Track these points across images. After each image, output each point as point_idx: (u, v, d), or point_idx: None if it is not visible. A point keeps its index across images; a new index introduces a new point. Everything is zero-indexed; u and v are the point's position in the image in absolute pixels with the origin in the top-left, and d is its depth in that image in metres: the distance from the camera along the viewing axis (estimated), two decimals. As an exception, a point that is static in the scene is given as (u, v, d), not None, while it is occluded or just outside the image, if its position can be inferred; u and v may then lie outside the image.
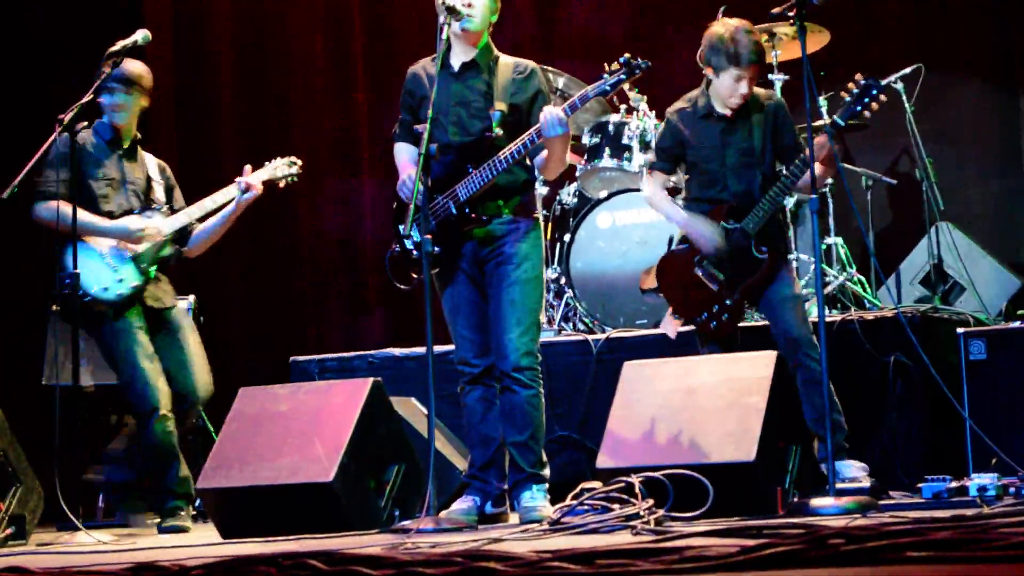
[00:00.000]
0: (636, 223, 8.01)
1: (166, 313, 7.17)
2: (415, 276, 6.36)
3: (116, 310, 7.02)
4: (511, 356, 6.17)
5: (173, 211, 7.27)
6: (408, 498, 6.27)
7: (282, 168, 7.44)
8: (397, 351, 7.83)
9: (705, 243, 6.52)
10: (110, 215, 7.11)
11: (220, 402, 7.86)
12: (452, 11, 6.17)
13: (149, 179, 7.27)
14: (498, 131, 6.19)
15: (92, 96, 6.69)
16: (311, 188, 9.98)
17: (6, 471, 6.60)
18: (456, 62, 6.32)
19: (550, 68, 8.13)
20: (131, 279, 7.06)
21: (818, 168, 6.39)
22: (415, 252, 6.33)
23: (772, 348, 6.20)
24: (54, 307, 7.70)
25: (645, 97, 8.31)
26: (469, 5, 6.22)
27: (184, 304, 7.70)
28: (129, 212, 7.15)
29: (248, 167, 7.25)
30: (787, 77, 8.02)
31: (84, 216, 6.93)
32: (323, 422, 6.16)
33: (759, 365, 5.94)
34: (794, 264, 7.48)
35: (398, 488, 6.23)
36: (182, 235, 7.27)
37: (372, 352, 7.96)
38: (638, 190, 8.06)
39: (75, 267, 6.63)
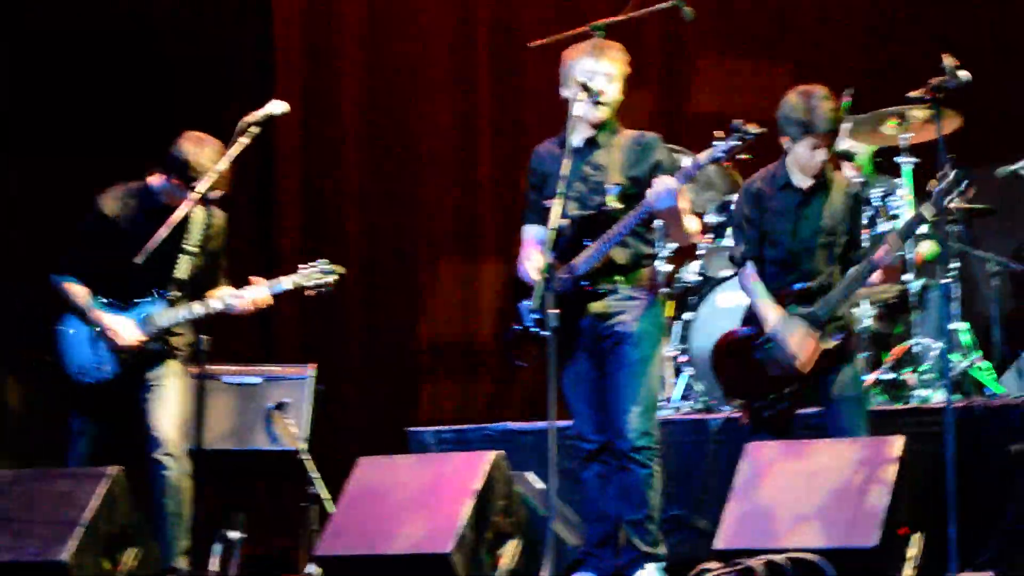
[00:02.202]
0: (757, 303, 7.95)
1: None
2: (534, 354, 6.36)
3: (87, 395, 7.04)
4: (629, 436, 6.15)
5: (189, 297, 7.05)
6: (524, 572, 6.26)
7: (315, 276, 7.16)
8: (514, 424, 7.84)
9: (785, 358, 6.41)
10: (121, 296, 7.03)
11: (336, 470, 7.92)
12: (585, 89, 6.21)
13: (179, 253, 7.05)
14: (616, 204, 6.20)
15: (227, 165, 6.74)
16: (431, 263, 10.06)
17: (125, 532, 6.67)
18: (579, 138, 6.34)
19: (676, 147, 8.14)
20: (109, 370, 7.02)
21: (878, 276, 6.38)
22: (533, 328, 6.33)
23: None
24: None
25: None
26: (602, 92, 6.26)
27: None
28: (141, 290, 7.00)
29: (254, 279, 7.08)
30: (917, 160, 7.97)
31: (79, 298, 7.00)
32: (443, 493, 6.18)
33: (885, 449, 5.87)
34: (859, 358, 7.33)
35: (515, 562, 6.23)
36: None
37: (489, 424, 7.96)
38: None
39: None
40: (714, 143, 6.08)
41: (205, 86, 9.70)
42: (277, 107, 6.88)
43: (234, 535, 7.76)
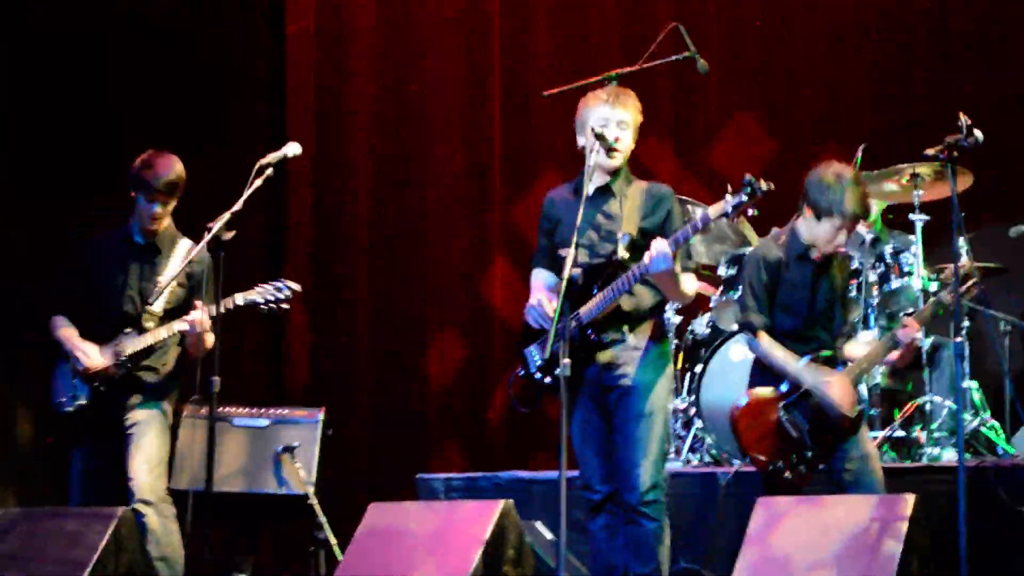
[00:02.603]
0: (768, 357, 7.95)
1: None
2: (538, 399, 6.37)
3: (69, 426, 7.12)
4: (638, 489, 6.12)
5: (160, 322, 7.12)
6: (533, 622, 6.25)
7: (269, 293, 7.09)
8: (524, 473, 7.83)
9: (841, 409, 6.45)
10: (99, 323, 7.15)
11: (345, 515, 7.91)
12: (600, 138, 6.22)
13: (157, 282, 7.17)
14: (624, 254, 6.17)
15: (241, 207, 6.77)
16: (440, 308, 10.06)
17: (132, 573, 6.66)
18: (591, 187, 6.34)
19: (688, 199, 8.16)
20: (83, 398, 7.11)
21: (895, 355, 6.48)
22: (538, 376, 6.33)
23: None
24: (184, 409, 7.82)
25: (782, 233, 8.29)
26: (617, 140, 6.28)
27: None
28: (122, 320, 7.12)
29: (198, 303, 7.02)
30: (928, 218, 7.99)
31: (61, 331, 7.15)
32: (453, 541, 6.16)
33: (896, 507, 5.86)
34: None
35: (523, 612, 6.22)
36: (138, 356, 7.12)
37: (498, 473, 7.96)
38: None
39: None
40: (725, 197, 6.08)
41: (215, 119, 9.75)
42: (292, 149, 6.90)
43: (241, 577, 7.78)
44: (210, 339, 6.97)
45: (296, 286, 7.08)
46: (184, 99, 9.66)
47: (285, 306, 7.06)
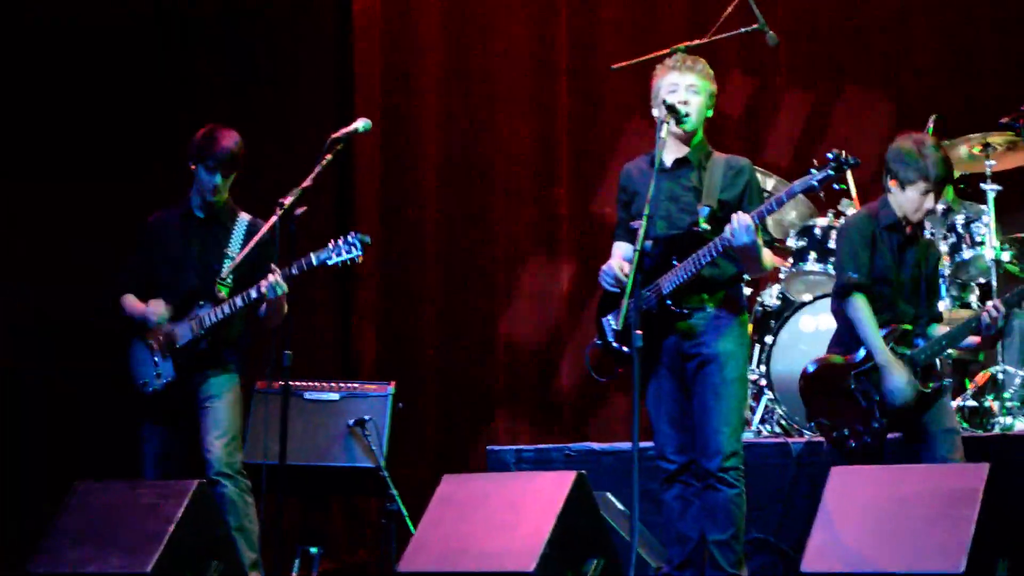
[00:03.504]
0: (839, 328, 7.92)
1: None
2: (616, 369, 6.39)
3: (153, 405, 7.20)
4: (718, 456, 6.13)
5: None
6: (606, 593, 6.26)
7: (343, 247, 6.94)
8: (595, 445, 7.83)
9: (893, 397, 6.44)
10: (171, 298, 7.21)
11: (416, 488, 7.95)
12: (671, 110, 6.22)
13: (222, 255, 7.26)
14: (705, 226, 6.18)
15: (311, 182, 6.80)
16: (508, 283, 10.07)
17: (208, 545, 6.71)
18: (669, 158, 6.35)
19: (760, 168, 8.12)
20: (167, 375, 7.19)
21: (976, 338, 6.47)
22: (615, 344, 6.34)
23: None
24: (257, 384, 7.88)
25: (853, 203, 8.27)
26: (685, 103, 6.27)
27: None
28: (191, 294, 7.19)
29: (274, 267, 6.98)
30: (1000, 188, 7.93)
31: (130, 306, 7.25)
32: (526, 512, 6.16)
33: (971, 476, 5.83)
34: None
35: (597, 582, 6.23)
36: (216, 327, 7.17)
37: (569, 444, 7.96)
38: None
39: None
40: (811, 171, 6.06)
41: (283, 104, 9.78)
42: (362, 124, 6.92)
43: (313, 550, 7.81)
44: (284, 307, 7.04)
45: (366, 237, 7.01)
46: (251, 78, 9.71)
47: (359, 259, 6.99)
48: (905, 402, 6.43)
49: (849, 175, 8.37)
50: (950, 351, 7.81)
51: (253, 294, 7.04)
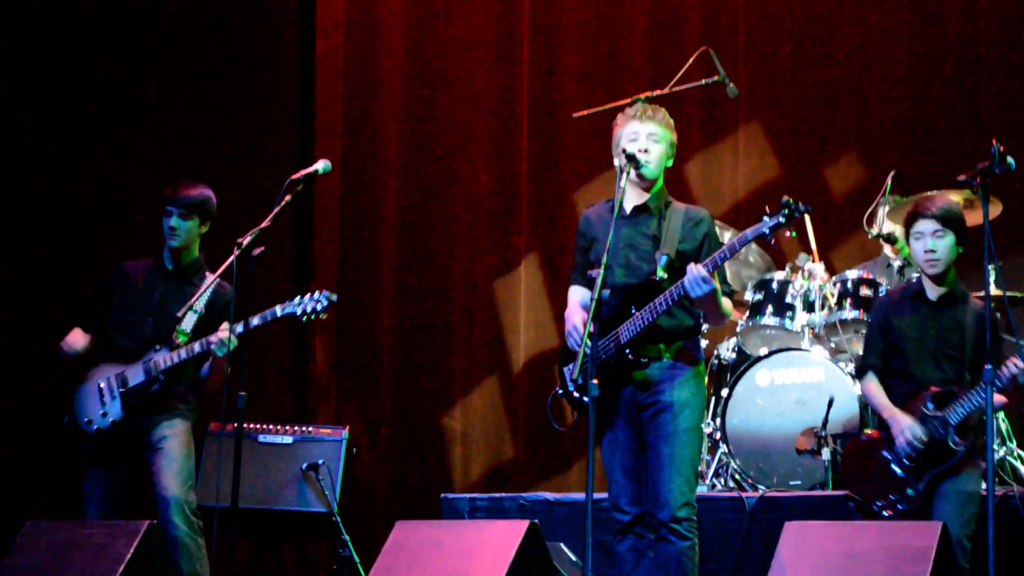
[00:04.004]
0: (795, 383, 7.96)
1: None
2: (575, 418, 6.37)
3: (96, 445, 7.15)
4: (670, 506, 6.10)
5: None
6: (557, 644, 6.23)
7: (308, 303, 6.99)
8: (549, 495, 7.81)
9: (900, 445, 6.46)
10: (128, 341, 7.21)
11: (368, 534, 7.92)
12: (631, 159, 6.23)
13: (186, 309, 7.21)
14: (663, 275, 6.17)
15: (270, 223, 6.79)
16: (465, 327, 10.05)
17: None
18: (629, 205, 6.35)
19: (717, 221, 8.16)
20: (114, 412, 7.15)
21: (998, 399, 6.39)
22: (576, 395, 6.33)
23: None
24: (210, 426, 7.84)
25: (811, 257, 8.30)
26: (646, 151, 6.28)
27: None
28: (147, 339, 7.19)
29: (224, 324, 7.02)
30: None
31: (75, 341, 7.26)
32: (478, 560, 6.13)
33: (923, 534, 5.84)
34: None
35: (548, 633, 6.20)
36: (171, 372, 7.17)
37: (524, 494, 7.95)
38: (799, 349, 8.05)
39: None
40: (763, 218, 6.07)
41: (243, 147, 9.76)
42: (322, 166, 6.93)
43: (265, 594, 7.79)
44: (224, 369, 7.03)
45: (334, 296, 7.02)
46: (208, 116, 9.68)
47: (323, 316, 7.02)
48: (912, 447, 6.42)
49: (810, 228, 8.41)
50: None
51: (197, 348, 7.04)
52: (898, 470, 6.47)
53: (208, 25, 9.66)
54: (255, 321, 6.91)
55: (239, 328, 6.88)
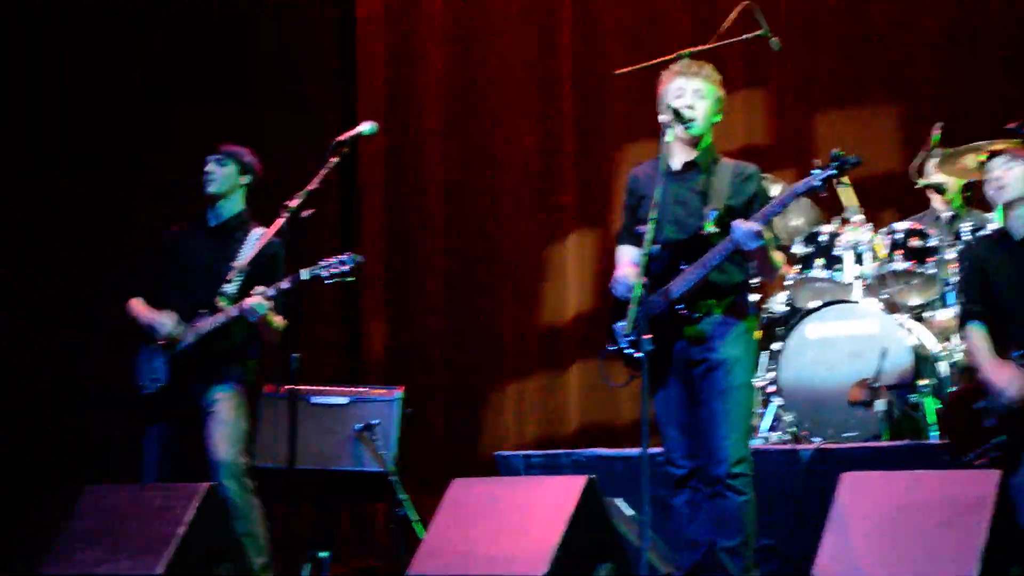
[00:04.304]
0: (847, 335, 7.92)
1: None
2: (628, 375, 6.38)
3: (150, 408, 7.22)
4: (726, 462, 6.12)
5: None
6: (616, 598, 6.27)
7: (334, 265, 7.00)
8: (604, 451, 7.83)
9: (996, 395, 6.42)
10: (178, 307, 7.24)
11: (424, 493, 7.96)
12: (677, 115, 6.22)
13: (230, 266, 7.26)
14: (712, 229, 6.19)
15: (318, 185, 6.83)
16: (514, 286, 10.07)
17: (218, 547, 6.71)
18: (677, 162, 6.35)
19: (767, 175, 8.14)
20: (162, 377, 7.23)
21: None
22: (628, 351, 6.34)
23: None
24: (264, 389, 7.89)
25: (861, 208, 8.27)
26: (691, 107, 6.27)
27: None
28: (197, 303, 7.21)
29: (257, 288, 7.06)
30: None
31: (139, 312, 7.28)
32: (536, 517, 6.17)
33: (982, 483, 5.83)
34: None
35: (607, 588, 6.24)
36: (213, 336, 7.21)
37: (579, 450, 7.96)
38: (849, 302, 8.04)
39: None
40: (812, 171, 6.07)
41: (287, 111, 9.79)
42: (366, 127, 6.95)
43: (323, 555, 7.81)
44: (277, 321, 7.05)
45: (360, 257, 7.06)
46: (254, 82, 9.72)
47: (351, 278, 7.03)
48: (1009, 400, 6.40)
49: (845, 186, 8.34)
50: (957, 359, 7.86)
51: (234, 312, 7.07)
52: (994, 421, 6.45)
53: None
54: (284, 284, 6.93)
55: (271, 292, 6.95)
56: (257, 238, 7.29)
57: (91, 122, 9.23)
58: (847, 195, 8.25)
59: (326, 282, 7.00)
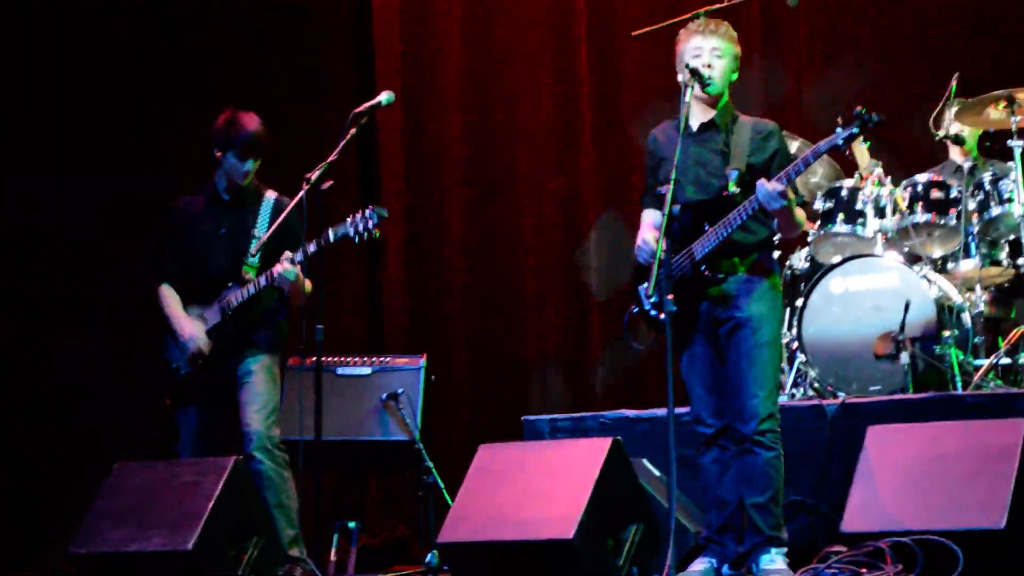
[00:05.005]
0: (870, 289, 7.90)
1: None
2: (653, 336, 6.39)
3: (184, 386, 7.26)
4: (755, 419, 6.14)
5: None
6: (645, 558, 6.27)
7: (359, 221, 6.98)
8: (630, 412, 7.83)
9: None
10: (207, 277, 7.26)
11: (451, 460, 7.97)
12: (695, 74, 6.21)
13: (250, 235, 7.29)
14: (735, 189, 6.18)
15: (337, 156, 6.83)
16: (536, 249, 10.07)
17: (248, 521, 6.74)
18: (695, 122, 6.35)
19: (785, 132, 8.11)
20: (185, 369, 7.28)
21: None
22: (653, 312, 6.34)
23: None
24: (290, 361, 7.91)
25: (880, 163, 8.25)
26: (710, 66, 6.26)
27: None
28: (221, 275, 7.24)
29: (285, 253, 7.07)
30: (1027, 143, 7.91)
31: (169, 307, 7.29)
32: (563, 479, 6.20)
33: (1009, 431, 5.82)
34: None
35: (636, 547, 6.24)
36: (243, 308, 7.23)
37: (604, 412, 7.93)
38: (872, 255, 8.02)
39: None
40: (836, 129, 6.06)
41: (304, 81, 9.78)
42: (385, 97, 6.94)
43: (352, 525, 7.85)
44: (307, 286, 7.05)
45: (383, 211, 7.05)
46: (271, 55, 9.71)
47: (376, 232, 7.01)
48: None
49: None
50: (982, 309, 7.85)
51: (263, 282, 7.10)
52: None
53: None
54: (311, 248, 6.92)
55: (299, 257, 6.95)
56: (271, 204, 7.31)
57: (96, 117, 9.20)
58: (861, 153, 8.22)
59: (354, 240, 7.00)
